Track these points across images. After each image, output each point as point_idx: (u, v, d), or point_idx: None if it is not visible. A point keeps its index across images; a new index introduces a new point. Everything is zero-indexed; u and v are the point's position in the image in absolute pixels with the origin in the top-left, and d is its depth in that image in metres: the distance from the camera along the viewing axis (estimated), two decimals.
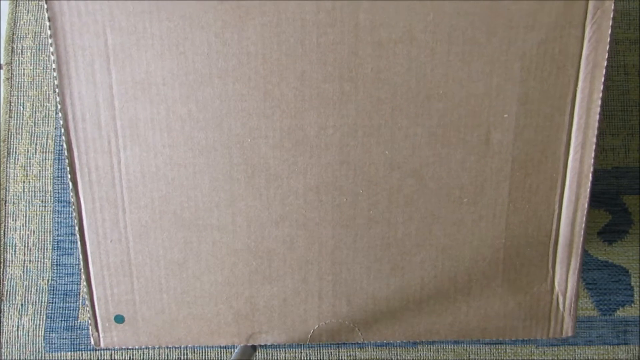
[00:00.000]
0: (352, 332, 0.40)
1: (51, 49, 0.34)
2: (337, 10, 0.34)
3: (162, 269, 0.38)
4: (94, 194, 0.37)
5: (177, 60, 0.34)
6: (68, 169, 0.36)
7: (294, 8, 0.34)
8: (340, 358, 0.55)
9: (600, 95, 0.36)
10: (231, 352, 0.56)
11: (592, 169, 0.38)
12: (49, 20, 0.33)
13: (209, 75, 0.35)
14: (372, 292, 0.40)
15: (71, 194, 0.36)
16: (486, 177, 0.38)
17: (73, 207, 0.37)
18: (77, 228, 0.37)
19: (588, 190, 0.38)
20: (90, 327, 0.40)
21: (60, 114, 0.35)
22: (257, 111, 0.35)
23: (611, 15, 0.35)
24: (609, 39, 0.35)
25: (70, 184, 0.36)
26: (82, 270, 0.38)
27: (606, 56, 0.36)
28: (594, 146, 0.37)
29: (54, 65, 0.34)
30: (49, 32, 0.33)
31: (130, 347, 0.40)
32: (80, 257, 0.38)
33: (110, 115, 0.35)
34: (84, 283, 0.38)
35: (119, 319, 0.39)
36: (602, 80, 0.36)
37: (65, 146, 0.35)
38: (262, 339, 0.40)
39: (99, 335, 0.40)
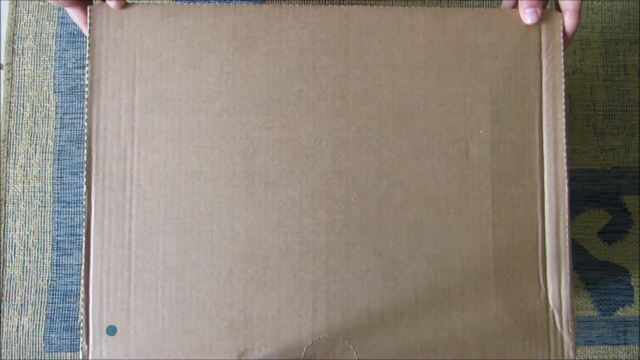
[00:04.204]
0: (347, 350, 0.40)
1: (87, 68, 0.40)
2: (329, 40, 0.40)
3: (159, 276, 0.39)
4: (104, 198, 0.39)
5: (192, 80, 0.40)
6: (85, 173, 0.39)
7: (293, 38, 0.40)
8: None
9: (564, 114, 0.41)
10: None
11: (566, 182, 0.41)
12: (89, 45, 0.40)
13: (219, 92, 0.40)
14: (366, 304, 0.40)
15: (84, 197, 0.39)
16: (469, 188, 0.41)
17: (84, 211, 0.39)
18: (84, 232, 0.39)
19: (566, 202, 0.41)
20: (80, 339, 0.39)
21: (85, 124, 0.39)
22: (259, 124, 0.40)
23: (562, 48, 0.41)
24: (563, 67, 0.41)
25: (85, 187, 0.39)
26: (83, 275, 0.39)
27: (563, 81, 0.41)
28: (564, 160, 0.41)
29: (86, 82, 0.40)
30: (87, 54, 0.40)
31: None
32: (83, 262, 0.39)
33: (130, 126, 0.40)
34: (82, 289, 0.39)
35: (111, 331, 0.39)
36: (563, 101, 0.41)
37: (85, 152, 0.39)
38: (254, 356, 0.39)
39: (88, 349, 0.39)
